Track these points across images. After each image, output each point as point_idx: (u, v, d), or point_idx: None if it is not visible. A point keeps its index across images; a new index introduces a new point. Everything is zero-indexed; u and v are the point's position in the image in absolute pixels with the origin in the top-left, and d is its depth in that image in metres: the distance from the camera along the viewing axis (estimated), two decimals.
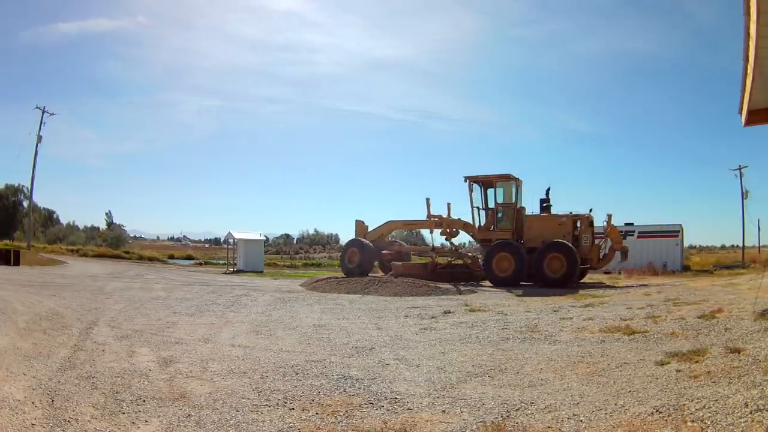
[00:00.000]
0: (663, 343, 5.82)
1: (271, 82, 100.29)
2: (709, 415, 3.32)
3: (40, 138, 38.61)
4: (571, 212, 15.39)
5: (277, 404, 3.99)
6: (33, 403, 3.83)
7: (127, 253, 42.73)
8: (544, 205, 15.87)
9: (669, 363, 4.81)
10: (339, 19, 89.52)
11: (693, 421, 3.27)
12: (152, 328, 7.50)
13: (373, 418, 3.68)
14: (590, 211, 15.31)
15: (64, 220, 65.87)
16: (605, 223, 15.79)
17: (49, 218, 63.71)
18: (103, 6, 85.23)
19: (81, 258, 36.34)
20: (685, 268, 26.72)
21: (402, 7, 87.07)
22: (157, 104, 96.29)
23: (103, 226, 64.47)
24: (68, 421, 3.50)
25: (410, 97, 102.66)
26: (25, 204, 50.78)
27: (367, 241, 17.29)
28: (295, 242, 77.71)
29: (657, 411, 3.50)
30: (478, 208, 16.49)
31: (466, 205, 16.66)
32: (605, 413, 3.59)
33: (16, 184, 54.46)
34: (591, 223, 15.22)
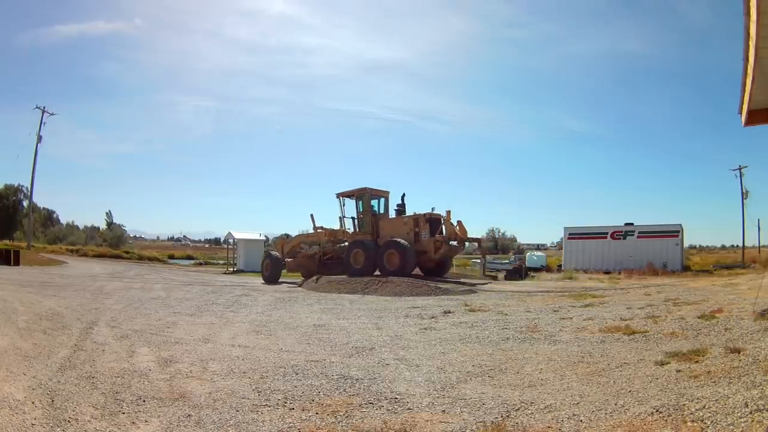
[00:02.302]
0: (663, 343, 5.82)
1: (268, 84, 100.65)
2: (709, 415, 3.32)
3: (40, 138, 38.68)
4: (414, 212, 18.33)
5: (277, 404, 3.99)
6: (33, 403, 3.83)
7: (127, 253, 42.75)
8: (397, 209, 19.02)
9: (669, 363, 4.81)
10: (332, 21, 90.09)
11: (693, 421, 3.27)
12: (152, 328, 7.50)
13: (373, 418, 3.68)
14: (432, 209, 18.26)
15: (64, 220, 66.01)
16: (444, 218, 18.14)
17: (49, 218, 63.76)
18: (100, 9, 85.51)
19: (81, 258, 36.34)
20: (685, 268, 26.72)
21: (393, 11, 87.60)
22: (155, 105, 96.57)
23: (103, 226, 64.57)
24: (68, 421, 3.50)
25: (405, 99, 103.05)
26: (25, 204, 50.85)
27: (275, 253, 21.43)
28: None
29: (657, 411, 3.50)
30: (351, 217, 19.70)
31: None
32: (605, 413, 3.59)
33: (16, 184, 54.59)
34: (427, 221, 17.84)
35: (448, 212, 18.18)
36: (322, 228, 20.44)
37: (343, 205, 19.61)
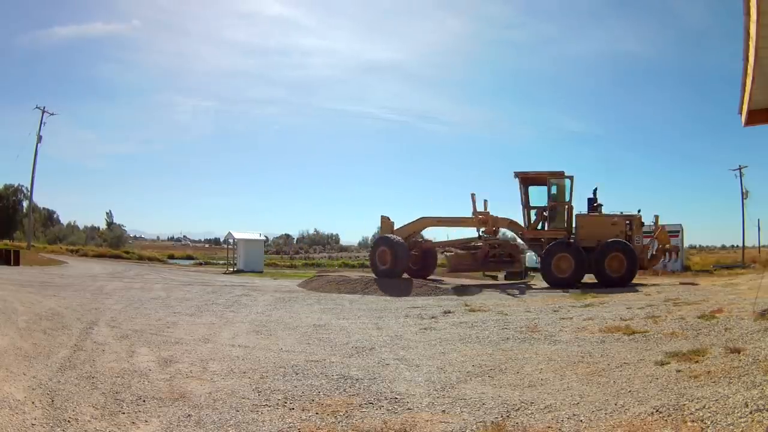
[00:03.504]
0: (663, 343, 5.82)
1: (266, 85, 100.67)
2: (709, 415, 3.32)
3: (40, 138, 38.54)
4: (621, 212, 15.40)
5: (277, 404, 3.99)
6: (33, 403, 3.83)
7: (127, 253, 42.70)
8: (594, 204, 15.68)
9: (669, 363, 4.81)
10: (328, 23, 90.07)
11: (693, 421, 3.27)
12: (152, 328, 7.50)
13: (373, 418, 3.68)
14: (638, 211, 15.43)
15: (64, 220, 65.88)
16: (653, 223, 16.04)
17: (49, 218, 63.72)
18: (99, 11, 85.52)
19: (81, 258, 36.33)
20: (686, 268, 26.72)
21: (389, 12, 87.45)
22: (155, 106, 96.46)
23: (103, 226, 64.46)
24: (68, 421, 3.50)
25: (404, 99, 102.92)
26: (25, 204, 50.81)
27: (398, 238, 16.15)
28: (295, 242, 77.62)
29: (657, 411, 3.50)
30: (534, 207, 16.03)
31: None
32: (605, 413, 3.59)
33: (16, 184, 54.49)
34: (642, 224, 15.26)
35: (656, 217, 15.98)
36: (485, 214, 15.82)
37: (525, 191, 15.78)
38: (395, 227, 17.15)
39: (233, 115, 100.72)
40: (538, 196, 16.05)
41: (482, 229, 16.09)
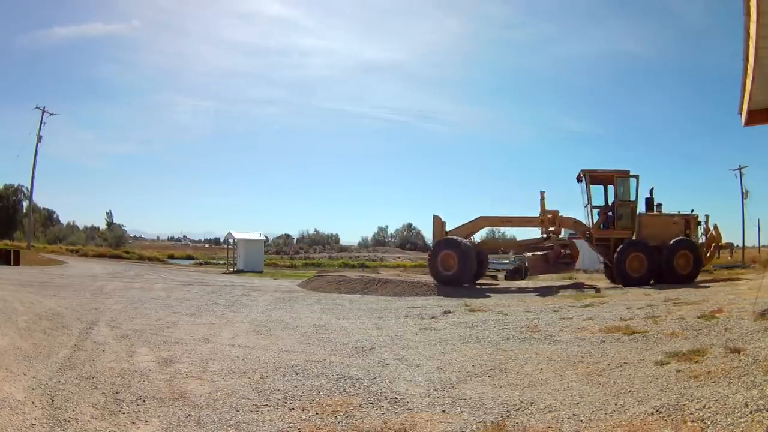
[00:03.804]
0: (663, 343, 5.82)
1: (266, 85, 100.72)
2: (709, 415, 3.32)
3: (40, 138, 38.56)
4: (678, 212, 15.65)
5: (277, 404, 3.99)
6: (33, 403, 3.83)
7: (127, 253, 42.72)
8: (654, 204, 15.82)
9: (669, 363, 4.81)
10: (327, 23, 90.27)
11: (693, 421, 3.27)
12: (152, 328, 7.50)
13: (373, 418, 3.68)
14: (692, 211, 15.72)
15: (64, 220, 66.00)
16: (704, 223, 16.16)
17: (49, 218, 63.76)
18: (98, 11, 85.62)
19: (81, 258, 36.34)
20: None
21: (387, 12, 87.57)
22: (155, 106, 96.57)
23: (103, 226, 64.53)
24: (68, 421, 3.50)
25: (403, 99, 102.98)
26: (25, 204, 50.84)
27: (465, 240, 15.23)
28: (295, 242, 77.63)
29: (657, 411, 3.50)
30: (596, 206, 15.91)
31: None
32: (605, 413, 3.59)
33: (16, 184, 54.53)
34: (698, 223, 15.58)
35: (707, 216, 15.99)
36: (554, 213, 15.54)
37: (587, 189, 15.56)
38: (447, 228, 16.17)
39: (233, 115, 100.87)
40: (596, 195, 16.04)
41: (549, 229, 15.80)
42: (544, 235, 16.02)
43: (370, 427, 3.50)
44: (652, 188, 15.90)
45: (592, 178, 15.72)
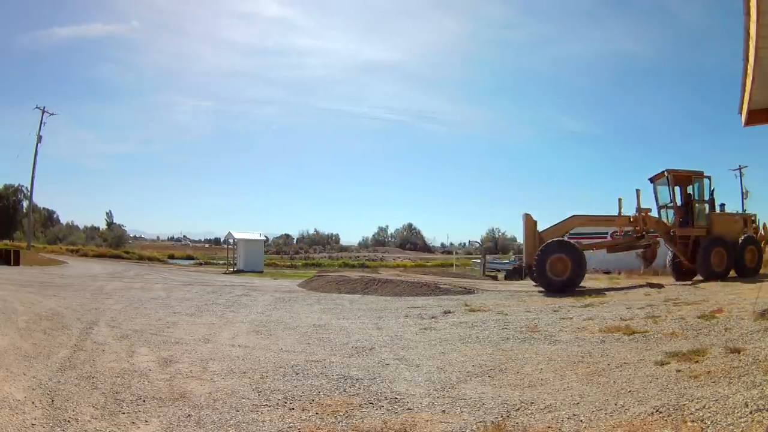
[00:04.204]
0: (663, 343, 5.82)
1: (265, 85, 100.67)
2: (709, 415, 3.32)
3: (40, 138, 38.59)
4: (738, 211, 16.66)
5: (277, 404, 3.99)
6: (33, 403, 3.83)
7: (127, 253, 42.72)
8: (717, 204, 16.36)
9: (669, 363, 4.81)
10: (325, 23, 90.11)
11: (693, 421, 3.27)
12: (152, 328, 7.50)
13: (373, 418, 3.69)
14: (744, 210, 16.91)
15: (64, 220, 65.94)
16: (757, 222, 16.86)
17: (49, 218, 63.75)
18: (98, 11, 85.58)
19: (81, 258, 36.33)
20: None
21: (386, 13, 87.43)
22: (154, 106, 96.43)
23: (103, 226, 64.49)
24: (68, 421, 3.50)
25: (402, 99, 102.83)
26: (25, 204, 50.85)
27: (574, 243, 15.02)
28: (295, 242, 77.68)
29: (657, 411, 3.50)
30: (666, 205, 16.23)
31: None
32: (605, 413, 3.59)
33: (16, 184, 54.55)
34: (753, 222, 16.43)
35: (755, 214, 16.73)
36: (645, 212, 15.74)
37: (671, 189, 15.89)
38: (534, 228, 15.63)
39: (233, 115, 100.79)
40: (663, 195, 16.50)
41: (639, 228, 15.88)
42: (632, 234, 16.22)
43: (370, 427, 3.51)
44: (713, 189, 16.42)
45: (675, 178, 16.03)
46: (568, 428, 3.38)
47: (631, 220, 15.94)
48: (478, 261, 34.50)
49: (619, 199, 15.97)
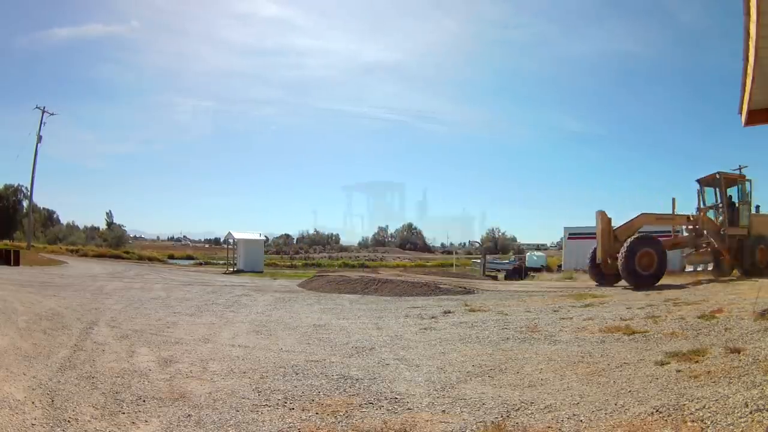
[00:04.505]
0: (663, 343, 5.82)
1: (264, 85, 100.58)
2: (709, 415, 3.32)
3: (40, 138, 38.59)
4: None
5: (277, 404, 3.99)
6: (33, 403, 3.83)
7: (127, 253, 42.72)
8: (756, 205, 17.00)
9: (669, 363, 4.81)
10: (324, 24, 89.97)
11: (693, 421, 3.27)
12: (152, 328, 7.50)
13: (373, 418, 3.69)
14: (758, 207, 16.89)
15: (64, 220, 65.85)
16: None
17: (49, 218, 63.70)
18: (97, 12, 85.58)
19: (81, 258, 36.33)
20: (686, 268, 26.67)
21: (385, 13, 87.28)
22: (154, 106, 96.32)
23: (103, 226, 64.47)
24: (68, 421, 3.50)
25: (402, 99, 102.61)
26: (25, 204, 50.83)
27: (657, 238, 15.56)
28: (295, 242, 77.68)
29: (657, 411, 3.50)
30: (714, 206, 16.73)
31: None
32: (605, 413, 3.59)
33: (16, 184, 54.51)
34: None
35: None
36: (704, 211, 16.53)
37: (722, 191, 16.40)
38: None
39: (232, 115, 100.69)
40: (709, 195, 17.07)
41: (698, 227, 16.51)
42: (693, 233, 16.89)
43: (370, 427, 3.51)
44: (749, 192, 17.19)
45: (725, 180, 16.56)
46: (568, 428, 3.38)
47: (690, 219, 16.70)
48: (478, 261, 34.55)
49: (673, 199, 16.78)
